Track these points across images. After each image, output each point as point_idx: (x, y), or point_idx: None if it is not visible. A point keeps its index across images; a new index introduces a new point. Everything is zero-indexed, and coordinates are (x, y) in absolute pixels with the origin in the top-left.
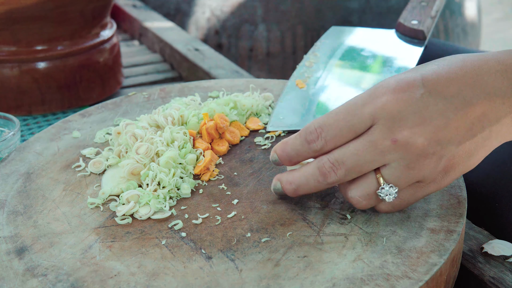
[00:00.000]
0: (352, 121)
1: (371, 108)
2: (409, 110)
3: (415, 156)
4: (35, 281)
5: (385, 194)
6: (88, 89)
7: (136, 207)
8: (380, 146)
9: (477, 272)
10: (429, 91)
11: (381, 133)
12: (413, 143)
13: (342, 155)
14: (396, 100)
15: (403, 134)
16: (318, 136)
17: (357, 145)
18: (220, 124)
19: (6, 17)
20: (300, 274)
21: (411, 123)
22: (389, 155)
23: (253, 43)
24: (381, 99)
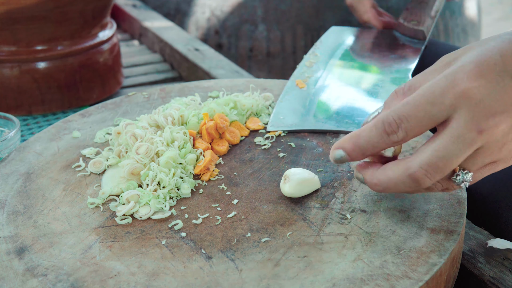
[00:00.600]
0: (432, 111)
1: (452, 97)
2: (492, 97)
3: (496, 142)
4: (35, 281)
5: (461, 180)
6: (88, 89)
7: (136, 207)
8: (468, 139)
9: (477, 272)
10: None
11: (466, 124)
12: (497, 131)
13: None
14: (477, 87)
15: (488, 123)
16: (398, 127)
17: (446, 144)
18: (220, 124)
19: (6, 17)
20: (300, 274)
21: (495, 110)
22: (476, 145)
23: (253, 43)
24: (461, 87)
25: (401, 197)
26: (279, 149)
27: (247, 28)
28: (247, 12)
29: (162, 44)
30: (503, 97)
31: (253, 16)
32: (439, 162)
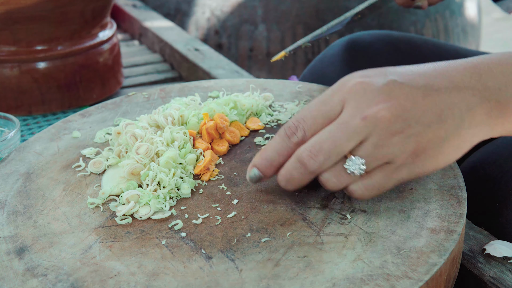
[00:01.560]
0: (325, 108)
1: (340, 93)
2: (376, 91)
3: (383, 131)
4: (35, 281)
5: (352, 166)
6: (88, 89)
7: (136, 207)
8: (352, 125)
9: (477, 272)
10: (397, 78)
11: (350, 113)
12: (381, 116)
13: (317, 141)
14: (362, 83)
15: (371, 109)
16: (297, 128)
17: (331, 129)
18: (220, 124)
19: (6, 17)
20: (300, 274)
21: (378, 100)
22: (361, 132)
23: (253, 43)
24: (348, 84)
25: (401, 197)
26: None
27: (247, 28)
28: (247, 12)
29: (162, 44)
30: (389, 93)
31: (253, 16)
32: (323, 144)
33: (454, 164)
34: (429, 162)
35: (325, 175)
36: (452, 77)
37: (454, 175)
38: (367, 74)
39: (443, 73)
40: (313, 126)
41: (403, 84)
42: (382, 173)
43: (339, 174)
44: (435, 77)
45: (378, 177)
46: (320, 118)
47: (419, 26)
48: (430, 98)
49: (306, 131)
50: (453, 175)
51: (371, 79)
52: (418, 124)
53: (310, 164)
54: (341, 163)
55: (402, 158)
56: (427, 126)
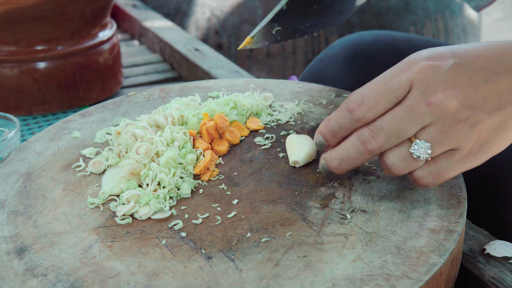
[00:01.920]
0: (391, 87)
1: (408, 74)
2: (442, 76)
3: (449, 118)
4: (35, 281)
5: (418, 150)
6: (88, 89)
7: (136, 207)
8: (417, 109)
9: (477, 272)
10: (460, 62)
11: (416, 97)
12: (446, 105)
13: (381, 122)
14: (430, 66)
15: (437, 97)
16: (359, 104)
17: (395, 112)
18: (220, 124)
19: (6, 17)
20: (300, 274)
21: (444, 87)
22: (425, 118)
23: None
24: (416, 66)
25: (401, 197)
26: (279, 149)
27: (247, 28)
28: (247, 12)
29: (162, 44)
30: (454, 78)
31: (253, 16)
32: (386, 126)
33: None
34: (492, 149)
35: (389, 158)
36: (508, 61)
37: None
38: (432, 55)
39: (501, 56)
40: (376, 104)
41: (466, 67)
42: (448, 160)
43: (405, 158)
44: (495, 60)
45: (444, 163)
46: (387, 96)
47: (419, 26)
48: (491, 84)
49: (369, 109)
50: None
51: (437, 62)
52: (482, 112)
53: (370, 143)
54: (406, 147)
55: (468, 145)
56: (489, 113)
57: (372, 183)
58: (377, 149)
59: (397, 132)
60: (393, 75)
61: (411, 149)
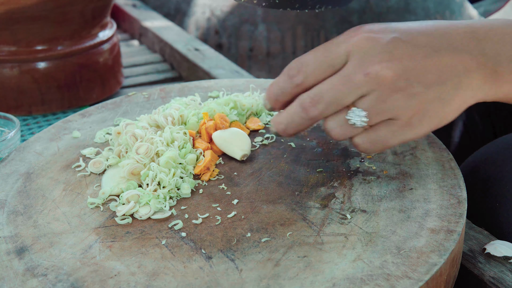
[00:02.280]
0: (329, 56)
1: (346, 44)
2: (380, 48)
3: (385, 88)
4: (35, 281)
5: (354, 117)
6: (88, 89)
7: (136, 207)
8: (354, 79)
9: (477, 272)
10: (400, 36)
11: (354, 67)
12: (383, 75)
13: (320, 90)
14: (368, 38)
15: (374, 67)
16: (299, 71)
17: (333, 80)
18: (220, 124)
19: (6, 17)
20: (300, 274)
21: (381, 59)
22: (362, 87)
23: (253, 43)
24: (355, 38)
25: (401, 197)
26: (279, 149)
27: (247, 28)
28: (247, 12)
29: (162, 44)
30: (392, 51)
31: (253, 16)
32: (325, 93)
33: (454, 164)
34: (431, 122)
35: (329, 124)
36: (452, 39)
37: (454, 175)
38: (373, 29)
39: (444, 34)
40: (314, 71)
41: (406, 42)
42: (386, 128)
43: (342, 125)
44: (437, 38)
45: (382, 131)
46: (324, 65)
47: None
48: (431, 59)
49: (307, 75)
50: (453, 175)
51: (376, 35)
52: (420, 84)
53: (311, 111)
54: (344, 114)
55: (406, 115)
56: (427, 86)
57: (372, 183)
58: (318, 115)
59: (336, 100)
60: (333, 44)
61: (347, 116)
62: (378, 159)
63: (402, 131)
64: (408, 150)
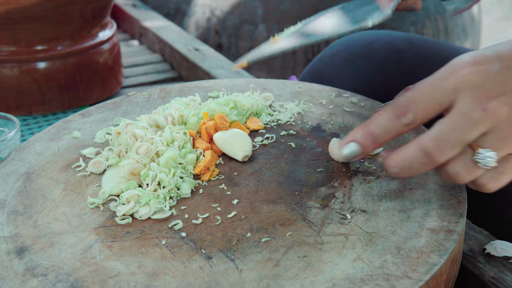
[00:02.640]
0: (437, 94)
1: (453, 80)
2: (490, 82)
3: (504, 125)
4: (35, 281)
5: (484, 159)
6: (88, 89)
7: (136, 207)
8: (473, 116)
9: (477, 272)
10: (506, 65)
11: (470, 104)
12: (502, 112)
13: (442, 131)
14: (476, 72)
15: (491, 103)
16: (407, 109)
17: (452, 119)
18: (220, 125)
19: (6, 17)
20: (300, 274)
21: (495, 93)
22: (483, 124)
23: (253, 43)
24: (462, 72)
25: (401, 197)
26: (279, 149)
27: (247, 28)
28: (247, 12)
29: (162, 44)
30: (503, 84)
31: (253, 16)
32: (448, 135)
33: None
34: None
35: (454, 168)
36: None
37: None
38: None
39: None
40: (424, 110)
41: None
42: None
43: (470, 168)
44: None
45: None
46: (432, 103)
47: (419, 26)
48: None
49: (416, 114)
50: None
51: (484, 66)
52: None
53: (436, 155)
54: (470, 156)
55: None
56: None
57: (372, 183)
58: (443, 159)
59: (460, 141)
60: (438, 81)
61: (476, 158)
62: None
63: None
64: None
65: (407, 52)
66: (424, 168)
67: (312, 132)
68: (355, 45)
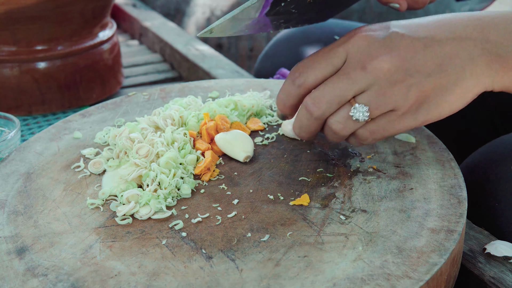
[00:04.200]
0: (329, 56)
1: (345, 44)
2: (377, 43)
3: (384, 81)
4: (35, 281)
5: (357, 113)
6: (88, 89)
7: (137, 207)
8: (352, 74)
9: (477, 272)
10: (399, 30)
11: (352, 64)
12: (380, 68)
13: (320, 91)
14: (366, 36)
15: (372, 62)
16: (300, 73)
17: (333, 79)
18: (221, 126)
19: (6, 17)
20: (300, 274)
21: (378, 52)
22: (361, 82)
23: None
24: (354, 38)
25: (402, 197)
26: (279, 149)
27: None
28: None
29: (162, 44)
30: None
31: None
32: (324, 92)
33: (454, 164)
34: (433, 110)
35: (331, 121)
36: (454, 28)
37: (454, 175)
38: (372, 28)
39: (446, 24)
40: (314, 71)
41: (404, 35)
42: (386, 119)
43: (345, 121)
44: (437, 28)
45: (383, 122)
46: (324, 64)
47: None
48: (431, 49)
49: (308, 75)
50: (453, 175)
51: (374, 32)
52: (419, 74)
53: (314, 111)
54: (346, 110)
55: (405, 106)
56: (427, 75)
57: (372, 183)
58: (321, 115)
59: (336, 98)
60: (333, 45)
61: (351, 113)
62: (378, 159)
63: (402, 120)
64: (408, 150)
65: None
66: (312, 125)
67: None
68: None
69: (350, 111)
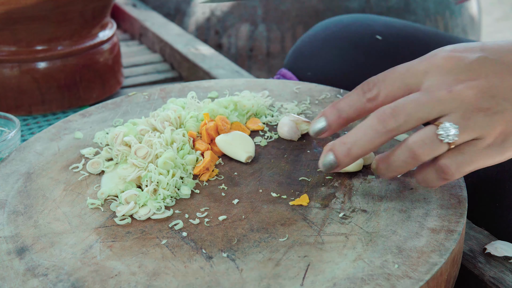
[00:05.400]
0: (407, 74)
1: (426, 63)
2: (464, 67)
3: (470, 106)
4: (35, 281)
5: (446, 132)
6: (88, 89)
7: (136, 207)
8: (437, 94)
9: (477, 272)
10: (487, 55)
11: (436, 85)
12: (467, 94)
13: (401, 102)
14: (450, 57)
15: (458, 86)
16: (374, 85)
17: (415, 95)
18: (221, 126)
19: (6, 17)
20: (300, 273)
21: (466, 77)
22: (446, 104)
23: (253, 43)
24: (437, 57)
25: (402, 197)
26: (279, 149)
27: (247, 28)
28: (247, 12)
29: (162, 44)
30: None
31: (253, 16)
32: (407, 107)
33: None
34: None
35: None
36: None
37: None
38: (458, 48)
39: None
40: (389, 87)
41: (493, 61)
42: (471, 148)
43: (430, 141)
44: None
45: (469, 151)
46: (399, 82)
47: None
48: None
49: (381, 90)
50: None
51: (461, 54)
52: (505, 101)
53: (389, 122)
54: (433, 130)
55: (491, 134)
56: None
57: (373, 183)
58: (396, 128)
59: (418, 113)
60: (412, 64)
61: (438, 131)
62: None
63: (488, 152)
64: None
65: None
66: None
67: None
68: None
69: (437, 130)
